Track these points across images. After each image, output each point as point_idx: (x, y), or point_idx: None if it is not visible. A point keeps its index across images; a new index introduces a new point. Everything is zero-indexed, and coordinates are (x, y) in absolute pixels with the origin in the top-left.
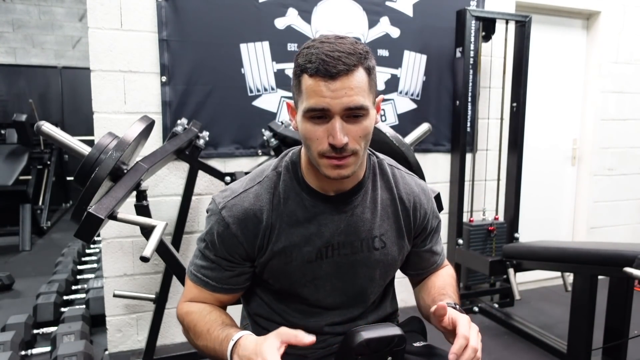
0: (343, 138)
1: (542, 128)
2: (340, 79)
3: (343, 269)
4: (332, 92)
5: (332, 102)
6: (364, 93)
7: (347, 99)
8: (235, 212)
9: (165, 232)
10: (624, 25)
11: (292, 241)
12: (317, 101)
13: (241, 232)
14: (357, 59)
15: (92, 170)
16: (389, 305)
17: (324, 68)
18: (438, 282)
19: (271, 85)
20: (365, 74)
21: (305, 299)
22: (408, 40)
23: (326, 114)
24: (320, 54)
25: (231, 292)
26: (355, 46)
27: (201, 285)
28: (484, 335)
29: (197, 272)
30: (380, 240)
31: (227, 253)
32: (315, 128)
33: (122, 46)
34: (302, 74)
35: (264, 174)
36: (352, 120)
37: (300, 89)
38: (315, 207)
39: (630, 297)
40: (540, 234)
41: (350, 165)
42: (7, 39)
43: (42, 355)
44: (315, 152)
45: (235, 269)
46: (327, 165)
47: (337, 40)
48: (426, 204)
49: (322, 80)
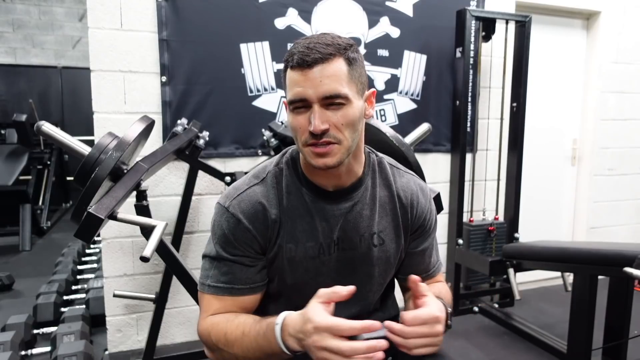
0: (320, 125)
1: (542, 128)
2: (316, 67)
3: (343, 265)
4: (308, 80)
5: (308, 91)
6: (342, 82)
7: (323, 86)
8: (244, 207)
9: (165, 232)
10: (624, 25)
11: (295, 236)
12: (295, 92)
13: (252, 225)
14: (335, 49)
15: (92, 170)
16: (392, 308)
17: (300, 58)
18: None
19: (271, 85)
20: (345, 64)
21: (306, 298)
22: (408, 40)
23: (305, 103)
24: (299, 47)
25: (256, 291)
26: (335, 39)
27: (226, 294)
28: (484, 335)
29: (217, 283)
30: (379, 237)
31: (244, 249)
32: (298, 119)
33: (122, 46)
34: (286, 69)
35: (266, 170)
36: (332, 109)
37: (285, 83)
38: (316, 202)
39: (630, 297)
40: (540, 234)
41: (335, 154)
42: (7, 39)
43: (42, 355)
44: (299, 142)
45: (256, 264)
46: (311, 154)
47: (320, 35)
48: (424, 203)
49: (299, 70)
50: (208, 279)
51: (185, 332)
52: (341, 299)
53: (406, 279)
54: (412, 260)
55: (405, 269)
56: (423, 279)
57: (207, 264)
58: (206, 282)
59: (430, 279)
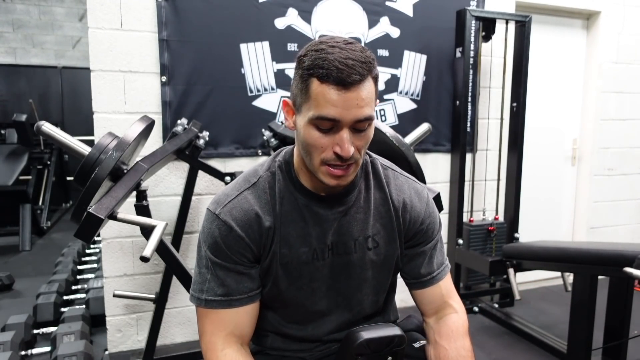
0: (351, 150)
1: (542, 128)
2: (354, 89)
3: (337, 270)
4: (344, 102)
5: (343, 113)
6: (372, 103)
7: (358, 111)
8: (236, 214)
9: (165, 232)
10: (624, 25)
11: (288, 242)
12: (329, 111)
13: (245, 233)
14: (368, 69)
15: (92, 170)
16: (392, 313)
17: (338, 76)
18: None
19: (271, 85)
20: (373, 84)
21: (301, 304)
22: (408, 40)
23: (335, 124)
24: (334, 60)
25: (255, 299)
26: (365, 54)
27: (225, 307)
28: (484, 335)
29: (214, 297)
30: (373, 240)
31: (237, 257)
32: (321, 136)
33: (122, 46)
34: (310, 77)
35: (258, 175)
36: (357, 132)
37: (309, 94)
38: (309, 207)
39: (630, 297)
40: (540, 234)
41: (350, 174)
42: (7, 39)
43: (42, 355)
44: (317, 160)
45: (250, 272)
46: (327, 174)
47: (348, 46)
48: (419, 207)
49: (335, 88)
50: (204, 293)
51: (185, 332)
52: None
53: (412, 282)
54: (414, 263)
55: (408, 271)
56: (425, 282)
57: (200, 276)
58: (202, 297)
59: (434, 283)
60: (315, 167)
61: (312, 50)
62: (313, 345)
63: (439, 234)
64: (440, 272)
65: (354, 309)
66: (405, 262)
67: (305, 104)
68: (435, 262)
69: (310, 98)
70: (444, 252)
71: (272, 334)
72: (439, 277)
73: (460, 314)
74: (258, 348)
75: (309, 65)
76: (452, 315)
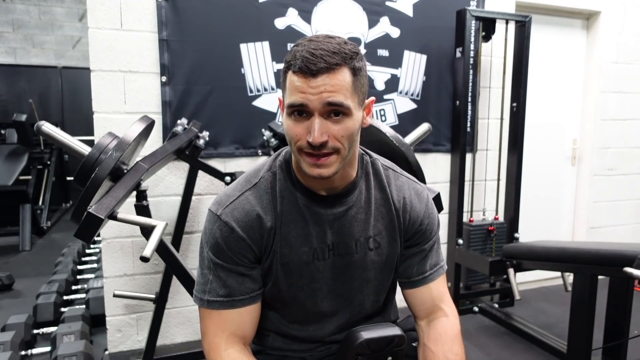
0: (320, 136)
1: (542, 128)
2: (321, 76)
3: (339, 270)
4: (311, 88)
5: (310, 98)
6: (346, 92)
7: (325, 96)
8: (237, 215)
9: (165, 232)
10: (624, 25)
11: (289, 242)
12: (296, 97)
13: (247, 234)
14: (342, 59)
15: (92, 170)
16: (392, 313)
17: (306, 65)
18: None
19: (271, 85)
20: (350, 74)
21: (302, 305)
22: (408, 40)
23: (306, 110)
24: (304, 51)
25: (256, 299)
26: (342, 46)
27: (227, 308)
28: (484, 335)
29: (216, 298)
30: (374, 241)
31: (237, 259)
32: (296, 124)
33: (122, 46)
34: (287, 70)
35: (259, 175)
36: (332, 119)
37: (285, 86)
38: (309, 207)
39: (630, 297)
40: (540, 234)
41: (331, 164)
42: (7, 39)
43: (42, 355)
44: (295, 149)
45: (251, 272)
46: (308, 163)
47: (325, 39)
48: (419, 208)
49: (303, 76)
50: (206, 293)
51: (185, 332)
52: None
53: (404, 281)
54: (408, 262)
55: (402, 270)
56: (416, 282)
57: (203, 277)
58: (205, 298)
59: (425, 283)
60: (297, 157)
61: (294, 46)
62: (314, 346)
63: (436, 235)
64: (433, 273)
65: (355, 309)
66: (400, 261)
67: (285, 96)
68: (428, 263)
69: (286, 89)
70: (440, 253)
71: (273, 333)
72: (431, 277)
73: (450, 318)
74: (259, 347)
75: (287, 59)
76: (442, 319)
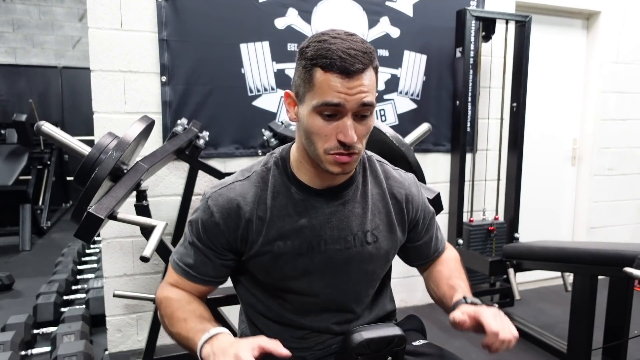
0: (354, 136)
1: (542, 128)
2: (357, 77)
3: (336, 264)
4: (349, 89)
5: (348, 99)
6: (374, 92)
7: (362, 96)
8: (220, 201)
9: (165, 232)
10: (624, 25)
11: (282, 234)
12: (333, 97)
13: (223, 221)
14: (369, 59)
15: (92, 170)
16: (388, 303)
17: (342, 65)
18: (444, 271)
19: (271, 85)
20: (374, 74)
21: (298, 294)
22: (408, 40)
23: (339, 110)
24: (337, 50)
25: (209, 284)
26: (365, 45)
27: (181, 274)
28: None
29: (179, 261)
30: (372, 235)
31: (209, 242)
32: (325, 124)
33: (122, 46)
34: (314, 67)
35: (252, 169)
36: (359, 119)
37: (312, 83)
38: (306, 200)
39: (630, 297)
40: (540, 234)
41: (354, 163)
42: (7, 39)
43: (42, 355)
44: (320, 149)
45: (218, 259)
46: (332, 162)
47: (350, 37)
48: (417, 196)
49: (339, 76)
50: (177, 253)
51: None
52: (275, 354)
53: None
54: (419, 249)
55: (415, 257)
56: (434, 258)
57: (183, 240)
58: (174, 256)
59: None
60: (319, 156)
61: (314, 42)
62: (313, 343)
63: (434, 217)
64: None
65: (353, 302)
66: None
67: (308, 93)
68: (438, 242)
69: (314, 87)
70: (440, 229)
71: (272, 322)
72: (441, 251)
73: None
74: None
75: (312, 55)
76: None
